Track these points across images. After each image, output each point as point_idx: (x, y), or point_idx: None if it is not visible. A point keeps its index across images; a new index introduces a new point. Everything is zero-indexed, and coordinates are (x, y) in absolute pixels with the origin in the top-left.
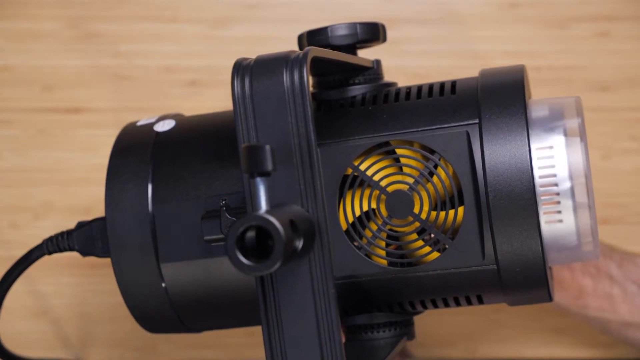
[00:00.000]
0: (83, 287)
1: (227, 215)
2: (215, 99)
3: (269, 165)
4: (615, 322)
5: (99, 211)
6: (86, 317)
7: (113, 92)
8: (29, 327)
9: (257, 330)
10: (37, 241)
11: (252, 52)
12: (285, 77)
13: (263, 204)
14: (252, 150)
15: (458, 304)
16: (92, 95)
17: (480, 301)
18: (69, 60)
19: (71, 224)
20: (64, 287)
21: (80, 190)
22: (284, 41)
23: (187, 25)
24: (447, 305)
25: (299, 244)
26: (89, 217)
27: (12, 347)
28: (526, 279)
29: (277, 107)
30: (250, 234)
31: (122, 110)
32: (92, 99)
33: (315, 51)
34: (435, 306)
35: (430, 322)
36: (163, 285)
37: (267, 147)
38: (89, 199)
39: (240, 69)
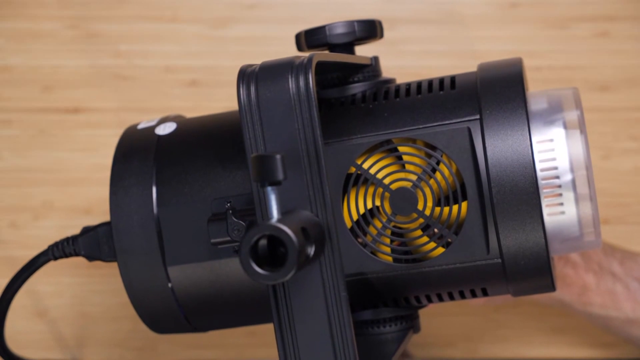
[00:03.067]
0: (83, 287)
1: (233, 218)
2: (215, 99)
3: (280, 175)
4: (619, 319)
5: (99, 211)
6: (86, 317)
7: (113, 92)
8: (29, 327)
9: (258, 330)
10: (37, 241)
11: (252, 52)
12: (291, 83)
13: (275, 213)
14: (263, 160)
15: (463, 297)
16: (92, 95)
17: (485, 293)
18: (69, 60)
19: (71, 224)
20: (64, 287)
21: (80, 190)
22: (283, 41)
23: (187, 25)
24: (452, 298)
25: (311, 250)
26: (89, 217)
27: (12, 346)
28: (530, 270)
29: (283, 113)
30: (262, 242)
31: (122, 110)
32: (92, 99)
33: (320, 56)
34: (441, 300)
35: (430, 322)
36: (170, 285)
37: (278, 156)
38: (89, 199)
39: (245, 76)
